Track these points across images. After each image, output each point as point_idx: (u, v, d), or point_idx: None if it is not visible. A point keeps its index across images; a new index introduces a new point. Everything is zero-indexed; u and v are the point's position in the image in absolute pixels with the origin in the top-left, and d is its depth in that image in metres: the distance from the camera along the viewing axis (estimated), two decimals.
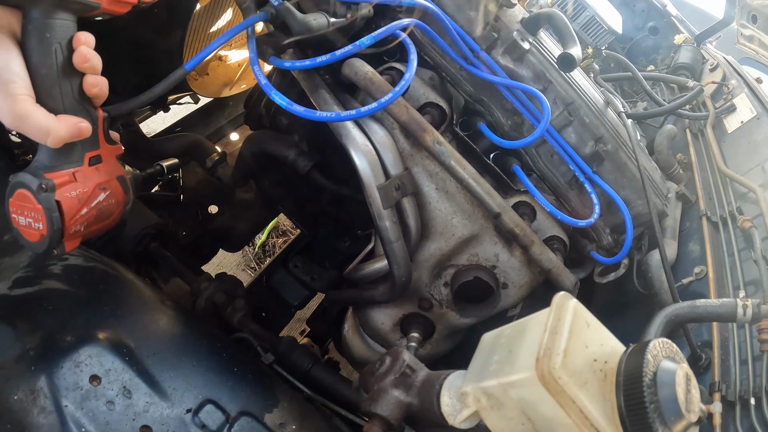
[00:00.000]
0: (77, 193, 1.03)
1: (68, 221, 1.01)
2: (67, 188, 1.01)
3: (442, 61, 1.52)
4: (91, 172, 1.06)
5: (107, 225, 1.14)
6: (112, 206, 1.11)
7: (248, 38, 1.23)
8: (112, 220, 1.14)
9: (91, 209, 1.06)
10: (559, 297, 0.79)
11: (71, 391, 0.96)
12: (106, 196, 1.09)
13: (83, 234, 1.07)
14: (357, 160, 1.29)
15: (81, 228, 1.05)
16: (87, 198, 1.05)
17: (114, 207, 1.12)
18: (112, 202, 1.11)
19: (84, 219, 1.05)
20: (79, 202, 1.03)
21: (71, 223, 1.02)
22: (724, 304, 1.29)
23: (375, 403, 1.00)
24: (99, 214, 1.08)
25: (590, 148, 1.56)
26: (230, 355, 1.24)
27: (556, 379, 0.68)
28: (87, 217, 1.05)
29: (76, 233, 1.05)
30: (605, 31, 2.88)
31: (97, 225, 1.10)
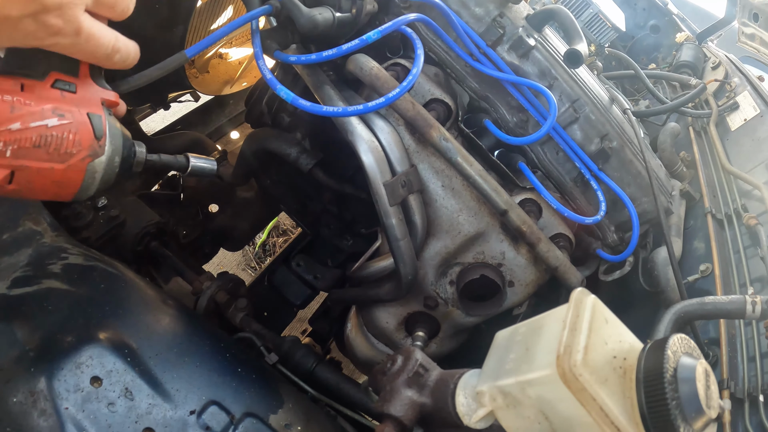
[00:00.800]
0: (13, 99, 0.79)
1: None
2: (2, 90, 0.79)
3: (447, 58, 1.51)
4: (48, 92, 0.84)
5: (56, 173, 0.85)
6: (67, 144, 0.85)
7: (252, 33, 1.21)
8: (66, 169, 0.86)
9: (27, 129, 0.80)
10: (578, 293, 0.77)
11: (72, 392, 0.94)
12: (61, 126, 0.84)
13: (12, 165, 0.81)
14: (363, 157, 1.28)
15: (5, 150, 0.79)
16: (27, 112, 0.80)
17: (69, 145, 0.85)
18: (67, 137, 0.84)
19: (13, 138, 0.79)
20: (12, 110, 0.78)
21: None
22: (732, 300, 1.28)
23: (388, 404, 0.98)
24: (41, 144, 0.82)
25: (596, 145, 1.55)
26: (234, 356, 1.23)
27: (577, 377, 0.67)
28: (19, 137, 0.79)
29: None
30: (609, 28, 2.88)
31: (35, 161, 0.82)
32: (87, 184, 0.89)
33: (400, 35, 1.34)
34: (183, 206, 2.30)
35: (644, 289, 1.74)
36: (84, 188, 0.90)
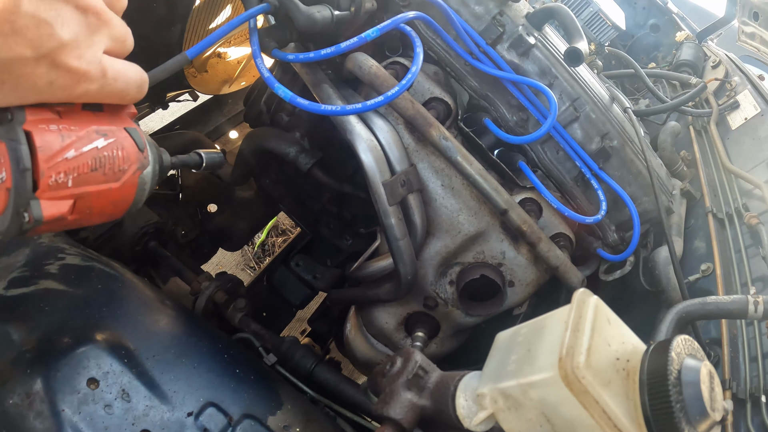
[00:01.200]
0: (59, 127, 0.75)
1: (44, 162, 0.71)
2: (44, 120, 0.73)
3: (447, 56, 1.50)
4: (82, 114, 0.80)
5: (114, 193, 0.82)
6: (119, 161, 0.82)
7: (250, 31, 1.20)
8: (121, 187, 0.83)
9: (82, 155, 0.76)
10: (580, 293, 0.76)
11: (68, 394, 0.94)
12: (109, 145, 0.80)
13: (74, 195, 0.76)
14: (362, 156, 1.27)
15: (67, 180, 0.74)
16: (76, 138, 0.76)
17: (121, 162, 0.82)
18: (118, 155, 0.81)
19: (71, 167, 0.74)
20: (63, 139, 0.74)
21: (49, 167, 0.71)
22: (735, 300, 1.28)
23: (387, 406, 0.97)
24: (97, 167, 0.78)
25: (596, 144, 1.55)
26: (232, 357, 1.22)
27: (580, 379, 0.66)
28: (76, 164, 0.75)
29: (58, 186, 0.73)
30: (609, 27, 2.87)
31: (95, 185, 0.79)
32: (138, 198, 0.88)
33: (399, 34, 1.33)
34: (181, 206, 2.29)
35: (645, 289, 1.73)
36: (136, 202, 0.88)
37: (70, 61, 0.69)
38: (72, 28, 0.69)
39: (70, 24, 0.69)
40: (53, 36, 0.67)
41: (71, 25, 0.69)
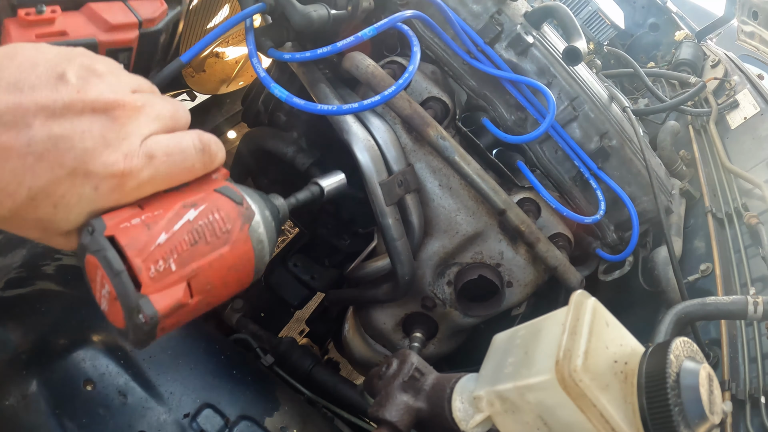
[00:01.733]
0: (142, 218, 0.70)
1: (135, 257, 0.66)
2: (125, 218, 0.69)
3: (444, 55, 1.49)
4: (167, 196, 0.75)
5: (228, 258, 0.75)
6: (219, 223, 0.74)
7: (246, 31, 1.20)
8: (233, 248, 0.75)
9: (175, 234, 0.70)
10: (578, 295, 0.76)
11: (64, 396, 0.94)
12: (201, 212, 0.73)
13: (184, 277, 0.70)
14: (359, 156, 1.27)
15: (169, 265, 0.69)
16: (165, 222, 0.71)
17: (222, 224, 0.74)
18: (215, 218, 0.74)
19: (168, 250, 0.69)
20: (149, 228, 0.69)
21: (144, 260, 0.67)
22: (734, 301, 1.27)
23: (383, 409, 0.96)
24: (197, 239, 0.71)
25: (595, 144, 1.54)
26: (229, 358, 1.22)
27: (577, 382, 0.65)
28: (172, 246, 0.69)
29: (161, 276, 0.68)
30: (608, 26, 2.87)
31: (203, 258, 0.72)
32: (259, 252, 0.79)
33: (396, 33, 1.33)
34: None
35: (644, 289, 1.73)
36: (258, 258, 0.80)
37: (102, 166, 0.66)
38: (94, 132, 0.66)
39: (91, 129, 0.66)
40: (74, 148, 0.64)
41: (93, 130, 0.66)
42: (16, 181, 0.63)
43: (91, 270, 0.69)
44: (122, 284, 0.64)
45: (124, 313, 0.66)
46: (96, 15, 0.96)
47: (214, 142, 0.80)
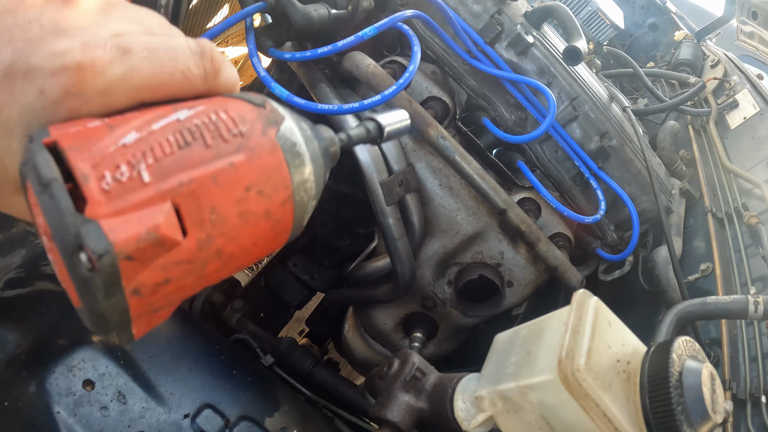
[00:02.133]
0: (104, 121, 0.46)
1: (78, 159, 0.41)
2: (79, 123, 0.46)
3: (445, 55, 1.49)
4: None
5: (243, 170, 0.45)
6: (225, 123, 0.48)
7: (246, 30, 1.20)
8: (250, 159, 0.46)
9: (152, 133, 0.45)
10: (580, 295, 0.76)
11: (64, 396, 0.93)
12: (197, 112, 0.47)
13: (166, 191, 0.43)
14: (360, 156, 1.27)
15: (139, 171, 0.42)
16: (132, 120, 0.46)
17: (231, 124, 0.48)
18: (220, 117, 0.49)
19: (138, 152, 0.43)
20: (111, 129, 0.45)
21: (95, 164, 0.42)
22: (735, 300, 1.27)
23: (385, 409, 0.96)
24: (189, 140, 0.45)
25: (595, 144, 1.54)
26: (229, 358, 1.22)
27: (580, 382, 0.65)
28: (146, 147, 0.44)
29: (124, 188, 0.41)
30: (607, 26, 2.88)
31: (201, 166, 0.45)
32: (296, 170, 0.51)
33: (397, 32, 1.33)
34: None
35: (644, 289, 1.73)
36: (298, 184, 0.51)
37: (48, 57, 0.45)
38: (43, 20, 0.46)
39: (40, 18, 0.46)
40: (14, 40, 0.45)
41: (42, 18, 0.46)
42: None
43: (30, 201, 0.45)
44: (52, 200, 0.40)
45: (63, 257, 0.41)
46: None
47: (215, 50, 0.56)
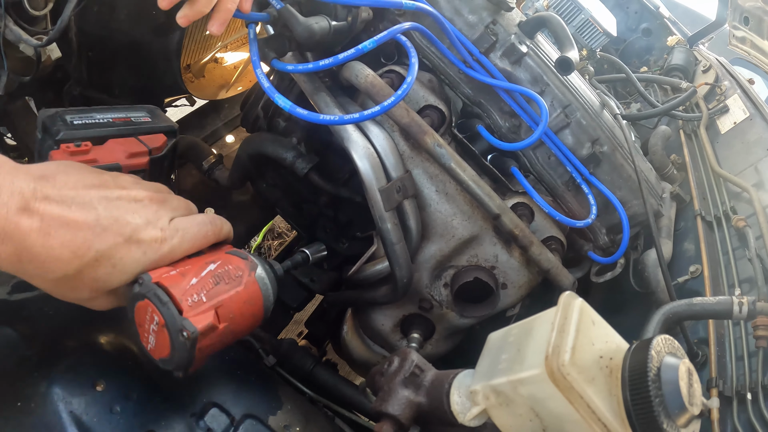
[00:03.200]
0: (177, 270, 0.97)
1: (178, 293, 0.92)
2: (164, 271, 0.96)
3: (441, 64, 1.53)
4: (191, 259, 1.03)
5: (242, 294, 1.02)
6: (232, 270, 1.03)
7: (250, 41, 1.23)
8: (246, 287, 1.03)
9: (202, 278, 0.98)
10: (566, 296, 0.80)
11: (75, 396, 0.94)
12: (219, 264, 1.02)
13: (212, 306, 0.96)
14: (359, 163, 1.30)
15: (201, 297, 0.95)
16: (192, 270, 0.98)
17: (234, 271, 1.03)
18: (229, 267, 1.03)
19: (199, 288, 0.96)
20: (183, 276, 0.96)
21: (182, 294, 0.93)
22: (720, 301, 1.31)
23: (386, 403, 1.01)
24: (218, 281, 0.99)
25: (587, 150, 1.58)
26: (233, 359, 1.24)
27: (565, 376, 0.70)
28: (202, 285, 0.97)
29: (197, 304, 0.93)
30: (600, 33, 2.91)
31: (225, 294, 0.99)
32: (265, 292, 1.08)
33: (395, 41, 1.36)
34: None
35: (636, 290, 1.77)
36: (265, 296, 1.09)
37: (149, 235, 0.94)
38: (139, 214, 0.94)
39: (136, 212, 0.94)
40: (129, 224, 0.92)
41: (137, 212, 0.95)
42: (86, 245, 0.86)
43: (140, 314, 0.94)
44: (169, 311, 0.89)
45: (171, 335, 0.90)
46: (118, 147, 1.26)
47: (219, 218, 1.13)
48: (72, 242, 0.85)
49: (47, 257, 0.83)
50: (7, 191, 0.80)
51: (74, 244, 0.85)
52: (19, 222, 0.80)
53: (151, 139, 1.34)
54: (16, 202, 0.80)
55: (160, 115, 1.44)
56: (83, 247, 0.86)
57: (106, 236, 0.88)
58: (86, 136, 1.22)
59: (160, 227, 0.96)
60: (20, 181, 0.82)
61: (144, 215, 0.95)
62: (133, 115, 1.38)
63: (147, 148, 1.31)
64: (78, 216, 0.86)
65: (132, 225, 0.92)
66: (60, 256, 0.84)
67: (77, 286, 0.90)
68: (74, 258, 0.85)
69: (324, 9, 1.30)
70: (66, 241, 0.84)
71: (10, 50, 1.64)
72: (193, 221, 1.04)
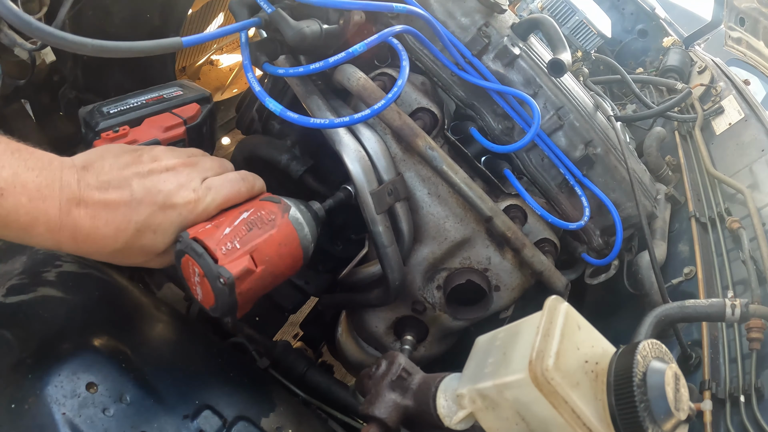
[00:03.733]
0: (212, 223, 1.07)
1: (212, 243, 1.02)
2: (199, 226, 1.06)
3: (434, 67, 1.53)
4: (226, 212, 1.13)
5: (276, 236, 1.10)
6: (264, 215, 1.11)
7: (242, 46, 1.24)
8: (279, 230, 1.11)
9: (236, 227, 1.06)
10: (551, 300, 0.81)
11: (69, 398, 0.95)
12: (251, 212, 1.11)
13: (247, 251, 1.05)
14: (350, 166, 1.31)
15: (234, 244, 1.04)
16: (226, 221, 1.08)
17: (267, 215, 1.12)
18: (262, 213, 1.12)
19: (232, 236, 1.04)
20: (217, 227, 1.06)
21: (216, 243, 1.02)
22: (712, 304, 1.31)
23: (372, 406, 1.02)
24: (252, 227, 1.08)
25: (580, 152, 1.58)
26: (226, 360, 1.25)
27: (549, 380, 0.70)
28: (235, 233, 1.05)
29: (231, 252, 1.03)
30: (594, 34, 2.90)
31: (259, 238, 1.07)
32: (301, 233, 1.16)
33: (388, 45, 1.36)
34: None
35: (630, 292, 1.77)
36: (302, 238, 1.17)
37: (182, 198, 1.05)
38: (171, 181, 1.05)
39: (168, 180, 1.05)
40: (161, 192, 1.04)
41: (169, 180, 1.06)
42: (126, 220, 0.99)
43: (185, 269, 1.06)
44: (205, 261, 0.99)
45: (210, 283, 1.00)
46: (154, 124, 1.35)
47: (251, 174, 1.22)
48: (114, 220, 0.98)
49: (97, 236, 0.98)
50: (57, 186, 0.93)
51: (116, 221, 0.98)
52: (70, 211, 0.94)
53: (185, 110, 1.42)
54: (66, 195, 0.94)
55: (191, 86, 1.52)
56: (124, 222, 0.99)
57: (142, 208, 1.01)
58: (123, 121, 1.32)
59: (192, 188, 1.07)
60: (67, 175, 0.96)
61: (175, 180, 1.06)
62: (165, 92, 1.46)
63: (182, 119, 1.39)
64: (115, 196, 0.99)
65: (164, 192, 1.04)
66: (107, 234, 0.98)
67: (130, 255, 1.05)
68: (119, 233, 0.99)
69: (316, 12, 1.30)
70: (109, 221, 0.98)
71: (5, 54, 1.65)
72: (225, 179, 1.14)
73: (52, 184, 0.93)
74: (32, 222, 0.92)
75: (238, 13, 1.25)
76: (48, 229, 0.94)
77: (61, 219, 0.94)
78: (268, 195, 1.20)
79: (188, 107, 1.43)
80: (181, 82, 1.52)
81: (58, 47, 1.14)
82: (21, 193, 0.89)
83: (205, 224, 1.06)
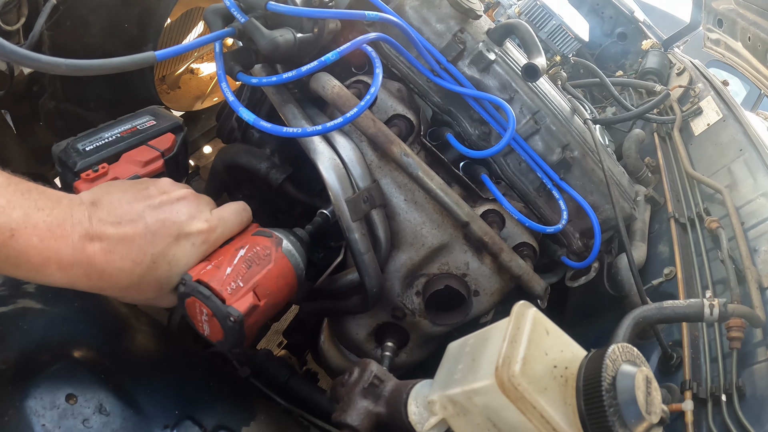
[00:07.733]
0: (212, 264, 1.09)
1: (216, 284, 1.05)
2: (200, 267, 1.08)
3: (410, 73, 1.54)
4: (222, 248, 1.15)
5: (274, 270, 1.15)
6: (260, 251, 1.15)
7: (216, 56, 1.24)
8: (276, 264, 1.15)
9: (236, 265, 1.09)
10: (519, 306, 0.81)
11: (48, 410, 0.94)
12: (247, 249, 1.14)
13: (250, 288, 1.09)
14: (325, 174, 1.31)
15: (238, 283, 1.07)
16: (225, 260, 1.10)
17: (263, 251, 1.15)
18: (257, 249, 1.15)
19: (234, 275, 1.08)
20: (218, 268, 1.08)
21: (221, 284, 1.05)
22: (691, 304, 1.31)
23: (345, 414, 1.02)
24: (250, 264, 1.12)
25: (557, 156, 1.58)
26: (206, 370, 1.25)
27: (516, 386, 0.71)
28: (237, 272, 1.09)
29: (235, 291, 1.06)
30: (572, 39, 2.92)
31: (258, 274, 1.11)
32: (295, 263, 1.20)
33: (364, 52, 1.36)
34: None
35: (611, 294, 1.78)
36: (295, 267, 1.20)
37: (195, 228, 1.09)
38: (182, 212, 1.08)
39: (180, 211, 1.08)
40: (175, 223, 1.06)
41: (181, 211, 1.08)
42: (142, 252, 1.00)
43: (191, 308, 1.07)
44: (214, 303, 1.03)
45: (220, 322, 1.03)
46: (131, 159, 1.34)
47: (244, 203, 1.25)
48: (130, 253, 0.99)
49: (113, 271, 0.97)
50: (69, 224, 0.93)
51: (132, 254, 0.99)
52: (84, 247, 0.94)
53: (161, 141, 1.41)
54: (78, 232, 0.94)
55: (163, 114, 1.52)
56: (140, 255, 1.00)
57: (157, 240, 1.02)
58: (100, 158, 1.30)
59: (204, 219, 1.11)
60: (77, 212, 0.96)
61: (187, 211, 1.09)
62: (138, 122, 1.45)
63: (159, 152, 1.39)
64: (129, 230, 0.99)
65: (177, 223, 1.06)
66: (123, 268, 0.98)
67: (144, 288, 1.04)
68: (135, 266, 0.99)
69: (290, 21, 1.30)
70: (125, 254, 0.98)
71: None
72: (229, 210, 1.18)
73: (63, 223, 0.93)
74: (44, 262, 0.91)
75: (212, 23, 1.25)
76: (60, 268, 0.93)
77: (75, 256, 0.93)
78: (258, 229, 1.23)
79: (163, 138, 1.43)
80: (152, 110, 1.52)
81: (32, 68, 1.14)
82: (32, 233, 0.88)
83: (204, 264, 1.09)
